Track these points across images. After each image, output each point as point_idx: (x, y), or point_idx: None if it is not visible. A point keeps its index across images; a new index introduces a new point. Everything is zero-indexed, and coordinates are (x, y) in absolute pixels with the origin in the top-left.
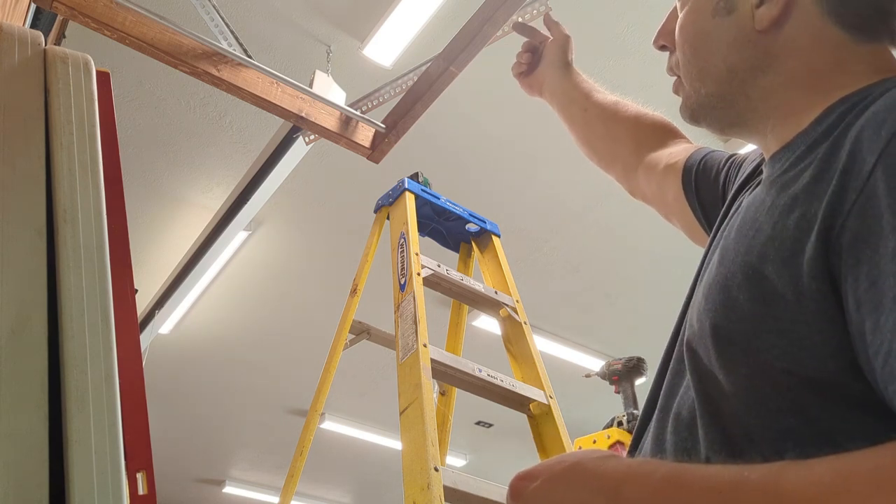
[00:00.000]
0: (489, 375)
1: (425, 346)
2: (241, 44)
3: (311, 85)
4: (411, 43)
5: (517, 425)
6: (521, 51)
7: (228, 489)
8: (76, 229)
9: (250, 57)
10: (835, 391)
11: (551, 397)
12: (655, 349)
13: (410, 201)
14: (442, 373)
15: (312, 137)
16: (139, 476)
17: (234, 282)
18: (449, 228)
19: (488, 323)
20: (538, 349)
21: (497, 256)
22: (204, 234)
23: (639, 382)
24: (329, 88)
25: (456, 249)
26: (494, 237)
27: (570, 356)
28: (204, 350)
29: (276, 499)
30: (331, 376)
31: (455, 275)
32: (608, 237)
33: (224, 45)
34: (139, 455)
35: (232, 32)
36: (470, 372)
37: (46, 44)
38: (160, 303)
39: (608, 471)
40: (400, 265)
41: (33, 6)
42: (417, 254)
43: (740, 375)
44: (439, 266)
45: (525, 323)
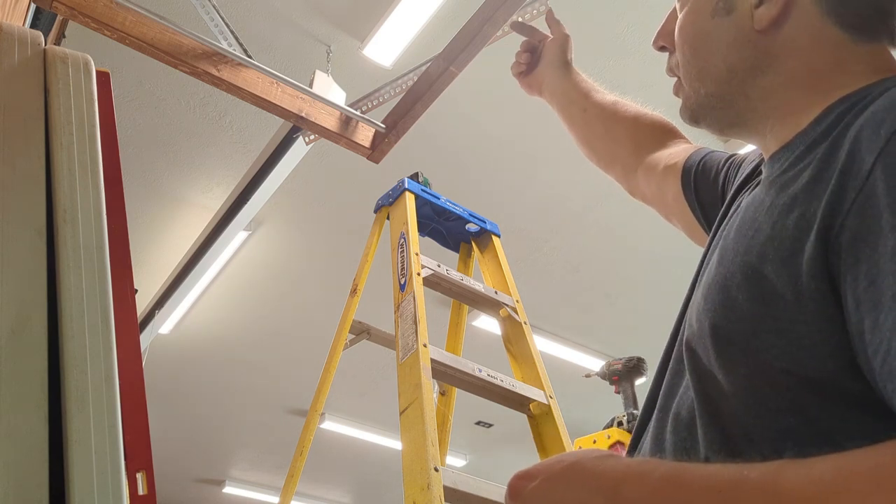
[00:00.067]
0: (489, 375)
1: (425, 346)
2: (241, 44)
3: (311, 85)
4: (411, 43)
5: (517, 425)
6: (520, 50)
7: (228, 489)
8: (76, 229)
9: (250, 57)
10: (834, 391)
11: (551, 397)
12: (655, 349)
13: (410, 201)
14: (442, 373)
15: (312, 137)
16: (139, 476)
17: (234, 282)
18: (449, 228)
19: (488, 323)
20: (538, 349)
21: (497, 256)
22: (204, 234)
23: (639, 382)
24: (329, 88)
25: (456, 249)
26: (494, 237)
27: (570, 356)
28: (204, 350)
29: (276, 499)
30: (331, 376)
31: (455, 275)
32: (608, 237)
33: (224, 45)
34: (139, 455)
35: (232, 32)
36: (470, 372)
37: (46, 44)
38: (160, 303)
39: (607, 470)
40: (400, 265)
41: (33, 6)
42: (417, 254)
43: (739, 375)
44: (439, 266)
45: (525, 323)
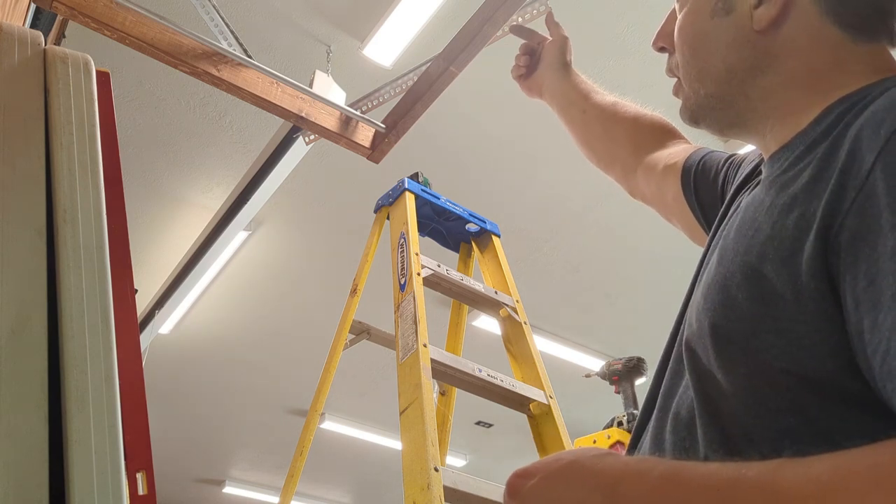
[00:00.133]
0: (489, 375)
1: (425, 346)
2: (241, 44)
3: (311, 85)
4: (411, 43)
5: (517, 425)
6: (519, 53)
7: (228, 489)
8: (76, 229)
9: (250, 57)
10: (833, 390)
11: (551, 397)
12: (655, 349)
13: (410, 201)
14: (442, 373)
15: (312, 137)
16: (139, 476)
17: (234, 282)
18: (449, 228)
19: (488, 323)
20: (538, 349)
21: (497, 256)
22: (204, 234)
23: (639, 382)
24: (329, 88)
25: (456, 249)
26: (494, 237)
27: (570, 356)
28: (204, 350)
29: (276, 499)
30: (331, 376)
31: (455, 275)
32: (608, 237)
33: (224, 45)
34: (139, 455)
35: (232, 32)
36: (470, 372)
37: (46, 44)
38: (160, 303)
39: (605, 468)
40: (400, 265)
41: (33, 6)
42: (417, 254)
43: (739, 375)
44: (439, 266)
45: (525, 323)
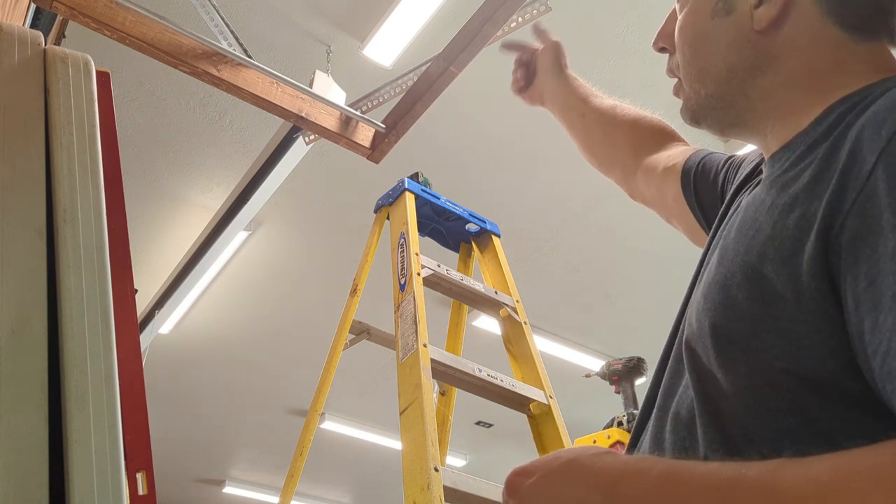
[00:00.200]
0: (489, 375)
1: (425, 346)
2: (241, 44)
3: (311, 85)
4: (411, 43)
5: (517, 425)
6: (514, 68)
7: (228, 489)
8: (76, 229)
9: (250, 57)
10: (834, 391)
11: (551, 397)
12: (655, 349)
13: (410, 201)
14: (442, 373)
15: (312, 137)
16: (139, 476)
17: (234, 282)
18: (449, 228)
19: (488, 323)
20: (538, 349)
21: (497, 256)
22: (204, 234)
23: (639, 382)
24: (329, 88)
25: (456, 249)
26: (494, 237)
27: (570, 356)
28: (204, 350)
29: (276, 499)
30: (331, 376)
31: (455, 275)
32: (608, 237)
33: (224, 45)
34: (139, 455)
35: (232, 32)
36: (470, 372)
37: (46, 44)
38: (160, 303)
39: (605, 467)
40: (400, 265)
41: (33, 6)
42: (417, 254)
43: (739, 375)
44: (439, 266)
45: (525, 323)
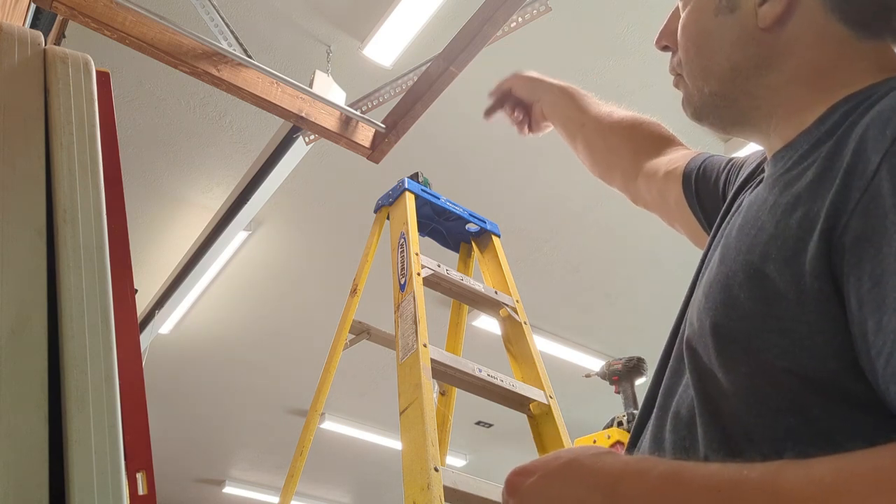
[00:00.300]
0: (489, 375)
1: (425, 346)
2: (241, 44)
3: (311, 85)
4: (411, 43)
5: (517, 425)
6: (509, 113)
7: (228, 489)
8: (76, 229)
9: (250, 57)
10: (835, 391)
11: (551, 397)
12: (655, 349)
13: (410, 201)
14: (442, 373)
15: (312, 137)
16: (139, 476)
17: (234, 282)
18: (449, 228)
19: (488, 323)
20: (538, 349)
21: (497, 256)
22: (204, 234)
23: (639, 382)
24: (329, 88)
25: (456, 249)
26: (494, 237)
27: (570, 356)
28: (204, 350)
29: (276, 499)
30: (331, 376)
31: (455, 275)
32: (608, 237)
33: (224, 45)
34: (139, 455)
35: (232, 32)
36: (470, 372)
37: (46, 44)
38: (160, 303)
39: (605, 467)
40: (400, 265)
41: (33, 6)
42: (417, 254)
43: (740, 374)
44: (439, 266)
45: (525, 323)
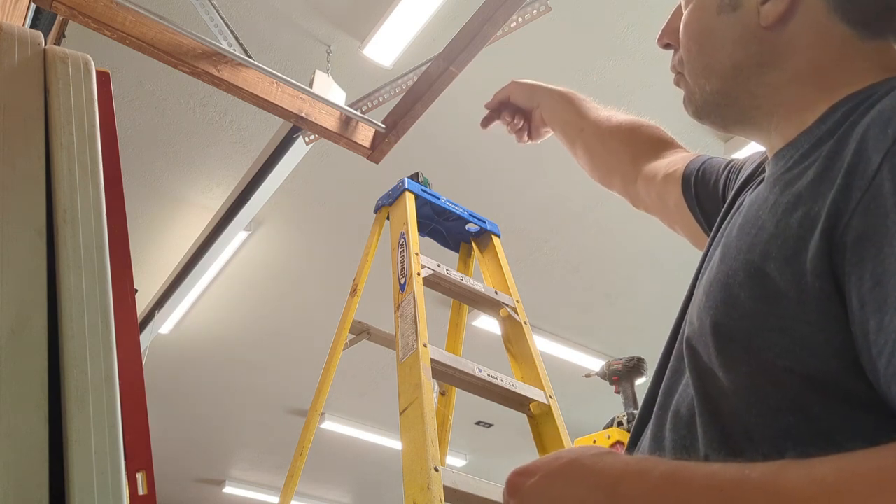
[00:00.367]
0: (489, 375)
1: (425, 346)
2: (241, 44)
3: (311, 85)
4: (411, 43)
5: (517, 425)
6: (508, 121)
7: (228, 489)
8: (76, 229)
9: (250, 57)
10: (836, 390)
11: (551, 397)
12: (655, 349)
13: (410, 201)
14: (442, 373)
15: (312, 137)
16: (139, 476)
17: (234, 282)
18: (449, 228)
19: (488, 323)
20: (538, 349)
21: (497, 256)
22: (204, 234)
23: (639, 382)
24: (329, 88)
25: (456, 249)
26: (494, 237)
27: (570, 356)
28: (204, 350)
29: (276, 499)
30: (331, 376)
31: (455, 275)
32: (608, 237)
33: (224, 45)
34: (139, 455)
35: (232, 32)
36: (470, 372)
37: (46, 44)
38: (160, 303)
39: (606, 467)
40: (400, 265)
41: (33, 6)
42: (417, 254)
43: (741, 373)
44: (439, 266)
45: (525, 323)
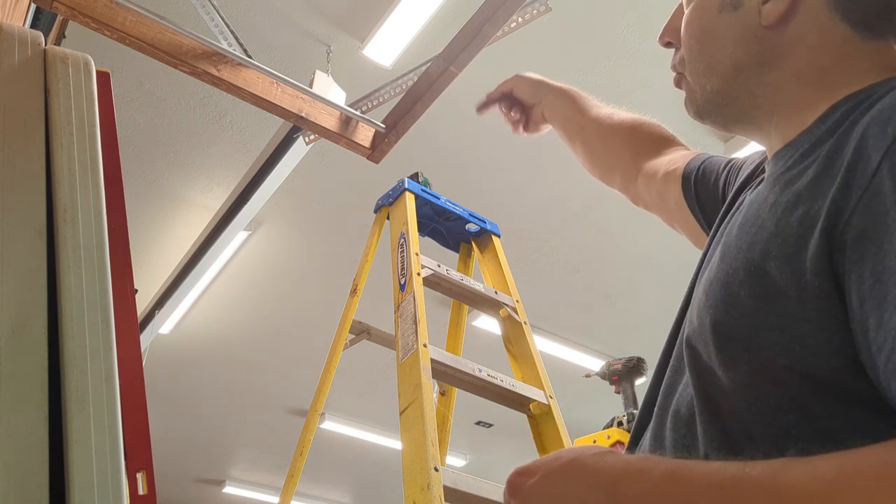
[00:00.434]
0: (489, 375)
1: (425, 346)
2: (241, 44)
3: (311, 85)
4: (411, 43)
5: (517, 425)
6: (505, 111)
7: (228, 489)
8: (76, 229)
9: (250, 57)
10: (836, 388)
11: (551, 397)
12: (655, 349)
13: (410, 201)
14: (442, 373)
15: (312, 137)
16: (139, 476)
17: (234, 282)
18: (449, 228)
19: (488, 323)
20: (538, 349)
21: (497, 256)
22: (204, 234)
23: (639, 382)
24: (329, 88)
25: (456, 249)
26: (494, 237)
27: (570, 356)
28: (204, 350)
29: (276, 499)
30: (331, 376)
31: (455, 275)
32: (608, 237)
33: (224, 45)
34: (139, 455)
35: (232, 32)
36: (470, 372)
37: (46, 44)
38: (160, 303)
39: (606, 466)
40: (400, 265)
41: (33, 6)
42: (417, 254)
43: (740, 372)
44: (439, 266)
45: (525, 323)
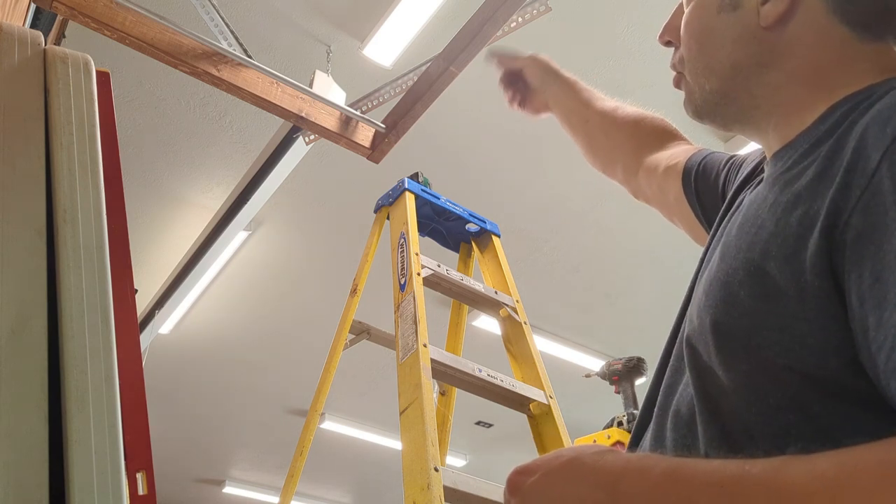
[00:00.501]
0: (489, 375)
1: (425, 346)
2: (241, 44)
3: (311, 85)
4: (411, 43)
5: (517, 425)
6: (504, 86)
7: (228, 489)
8: (76, 229)
9: (250, 57)
10: (836, 388)
11: (551, 397)
12: (655, 349)
13: (410, 201)
14: (442, 373)
15: (312, 137)
16: (139, 476)
17: (234, 282)
18: (449, 228)
19: (488, 323)
20: (538, 349)
21: (497, 256)
22: (204, 234)
23: (639, 382)
24: (329, 88)
25: (456, 249)
26: (494, 237)
27: (570, 356)
28: (204, 350)
29: (276, 499)
30: (331, 376)
31: (455, 275)
32: (608, 237)
33: (224, 45)
34: (139, 455)
35: (232, 32)
36: (470, 372)
37: (46, 44)
38: (160, 303)
39: (606, 465)
40: (400, 265)
41: (33, 6)
42: (417, 254)
43: (740, 372)
44: (439, 266)
45: (525, 323)
